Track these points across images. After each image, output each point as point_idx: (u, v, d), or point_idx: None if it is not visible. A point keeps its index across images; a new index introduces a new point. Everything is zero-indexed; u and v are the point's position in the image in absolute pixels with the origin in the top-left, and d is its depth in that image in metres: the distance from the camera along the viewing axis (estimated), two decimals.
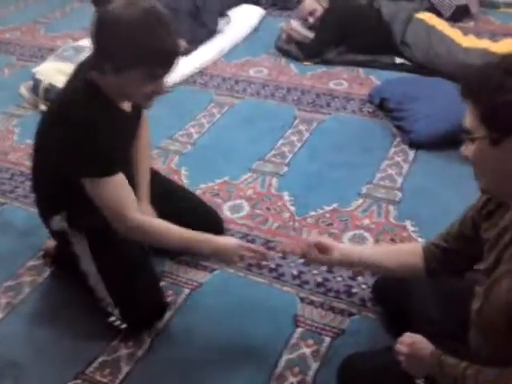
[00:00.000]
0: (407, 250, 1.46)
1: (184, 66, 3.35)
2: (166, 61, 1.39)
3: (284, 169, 2.52)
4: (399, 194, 2.32)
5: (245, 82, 3.28)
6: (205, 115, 2.97)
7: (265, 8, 4.23)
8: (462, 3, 3.79)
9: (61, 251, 1.91)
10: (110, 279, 1.68)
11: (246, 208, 2.28)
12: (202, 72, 3.41)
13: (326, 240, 1.49)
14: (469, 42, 3.14)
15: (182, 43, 3.46)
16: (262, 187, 2.41)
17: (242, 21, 3.94)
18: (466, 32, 3.32)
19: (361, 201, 2.29)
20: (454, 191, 2.26)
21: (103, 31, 1.37)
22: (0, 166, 2.60)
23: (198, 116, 2.96)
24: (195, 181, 2.45)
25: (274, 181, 2.45)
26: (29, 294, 1.93)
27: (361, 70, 3.33)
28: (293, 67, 3.43)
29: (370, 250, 1.64)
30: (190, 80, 3.33)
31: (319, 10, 3.55)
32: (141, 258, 1.76)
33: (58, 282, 1.97)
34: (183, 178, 2.47)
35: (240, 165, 2.56)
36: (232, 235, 2.07)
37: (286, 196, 2.34)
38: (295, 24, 3.64)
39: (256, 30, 3.95)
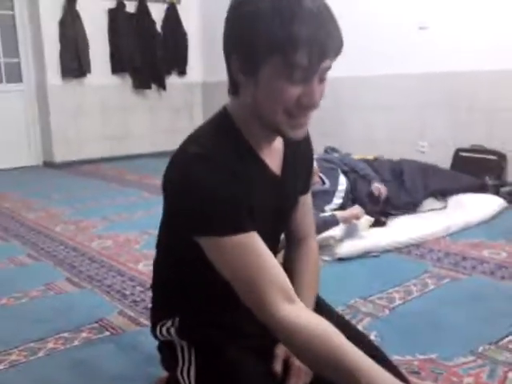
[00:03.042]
0: None
1: (398, 234, 2.82)
2: (301, 45, 0.89)
3: None
4: None
5: (475, 261, 2.54)
6: (415, 283, 2.27)
7: (508, 202, 3.57)
8: None
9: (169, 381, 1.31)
10: None
11: None
12: (419, 245, 2.79)
13: None
14: None
15: (382, 189, 3.07)
16: (491, 378, 1.54)
17: (477, 206, 3.33)
18: None
19: None
20: None
21: (233, 26, 0.98)
22: None
23: (406, 283, 2.27)
24: (388, 349, 1.69)
25: (511, 374, 1.56)
26: None
27: None
28: None
29: None
30: (403, 250, 2.72)
31: None
32: None
33: None
34: None
35: (457, 344, 1.75)
36: None
37: None
38: None
39: (493, 217, 3.27)
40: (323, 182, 2.97)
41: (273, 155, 1.11)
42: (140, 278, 2.38)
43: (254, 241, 0.98)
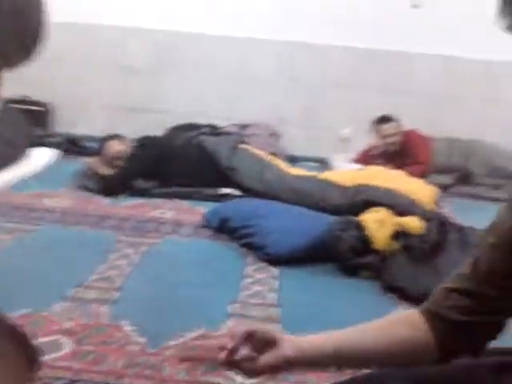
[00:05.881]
0: (402, 322, 0.87)
1: None
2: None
3: (115, 295, 1.80)
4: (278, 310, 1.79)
5: (42, 211, 2.54)
6: None
7: (63, 151, 3.63)
8: None
9: None
10: None
11: (68, 345, 1.47)
12: None
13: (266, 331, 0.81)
14: (296, 171, 3.02)
15: None
16: (88, 318, 1.63)
17: (33, 159, 3.30)
18: None
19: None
20: (338, 304, 1.82)
21: None
22: None
23: None
24: None
25: (105, 309, 1.69)
26: None
27: (184, 202, 2.88)
28: (102, 199, 2.82)
29: (343, 334, 0.84)
30: None
31: (124, 151, 3.14)
32: None
33: None
34: None
35: (49, 294, 1.76)
36: None
37: (127, 325, 1.60)
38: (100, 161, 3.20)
39: (50, 168, 3.30)
40: None
41: None
42: None
43: None
